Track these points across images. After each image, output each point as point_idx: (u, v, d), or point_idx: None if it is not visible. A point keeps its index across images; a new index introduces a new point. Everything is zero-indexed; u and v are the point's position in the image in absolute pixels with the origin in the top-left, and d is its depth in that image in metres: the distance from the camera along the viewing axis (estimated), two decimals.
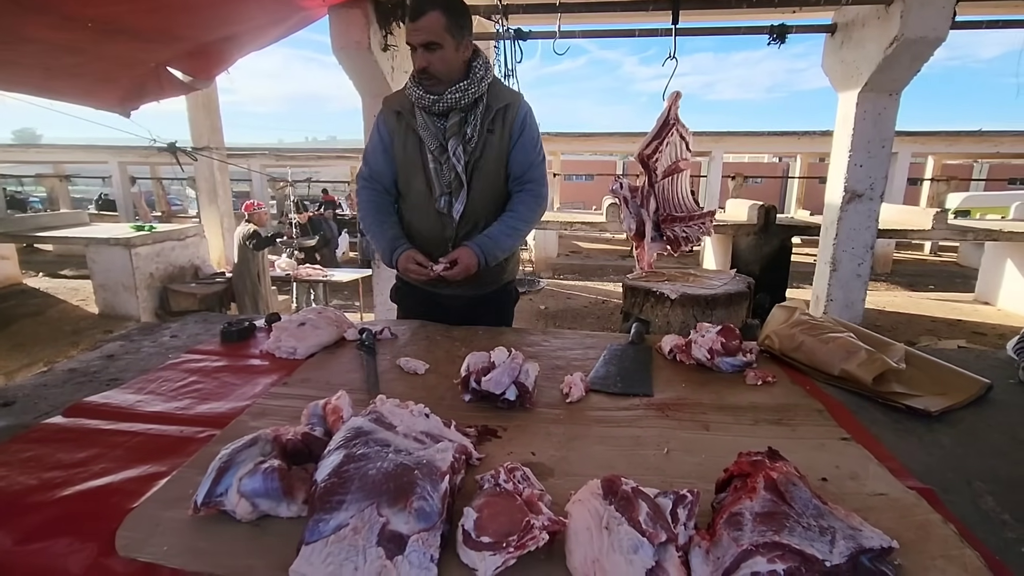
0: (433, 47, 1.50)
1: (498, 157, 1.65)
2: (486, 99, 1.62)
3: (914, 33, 2.88)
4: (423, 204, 1.68)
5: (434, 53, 1.51)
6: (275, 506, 0.77)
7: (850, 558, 0.65)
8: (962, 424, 1.08)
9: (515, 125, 1.65)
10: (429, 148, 1.62)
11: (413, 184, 1.68)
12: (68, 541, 0.73)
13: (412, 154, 1.66)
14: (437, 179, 1.64)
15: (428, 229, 1.71)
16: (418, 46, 1.51)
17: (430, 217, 1.69)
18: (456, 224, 1.68)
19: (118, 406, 1.11)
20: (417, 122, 1.62)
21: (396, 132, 1.67)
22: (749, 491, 0.74)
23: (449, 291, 1.74)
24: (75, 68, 2.62)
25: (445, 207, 1.66)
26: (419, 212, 1.71)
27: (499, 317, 1.86)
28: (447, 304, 1.79)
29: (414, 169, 1.66)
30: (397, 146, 1.68)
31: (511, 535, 0.68)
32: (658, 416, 1.09)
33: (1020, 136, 10.30)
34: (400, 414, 0.93)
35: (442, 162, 1.62)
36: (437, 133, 1.61)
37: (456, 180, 1.63)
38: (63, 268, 9.78)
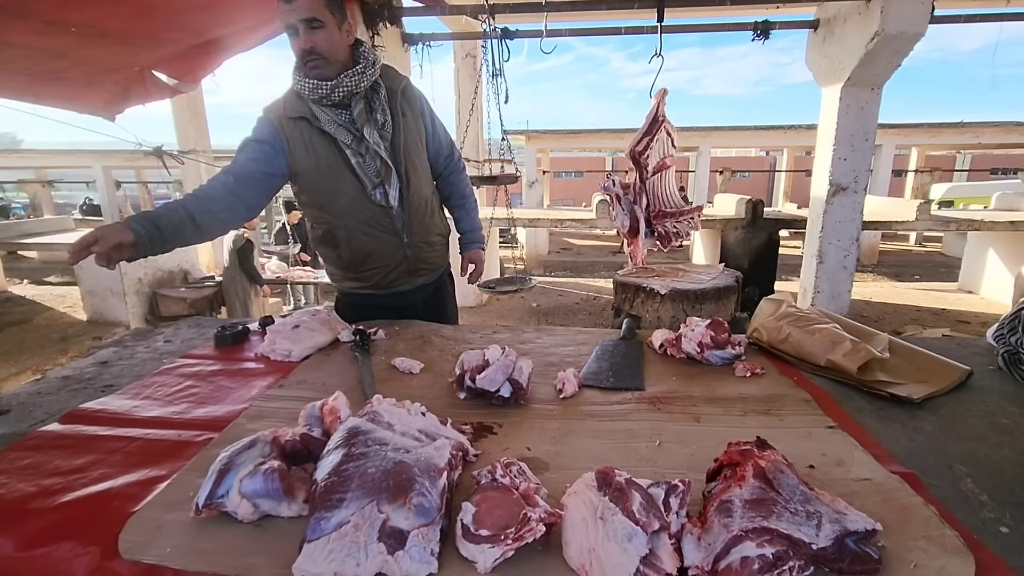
0: (315, 24, 1.41)
1: (416, 138, 1.63)
2: (383, 83, 1.57)
3: (894, 28, 2.93)
4: (358, 204, 1.59)
5: (317, 32, 1.42)
6: (276, 506, 0.78)
7: (836, 541, 0.67)
8: (943, 410, 1.12)
9: (423, 107, 1.67)
10: (344, 143, 1.52)
11: (339, 186, 1.57)
12: (71, 546, 0.74)
13: (326, 156, 1.54)
14: (363, 172, 1.55)
15: (372, 226, 1.62)
16: (298, 24, 1.41)
17: (372, 215, 1.61)
18: (403, 213, 1.62)
19: (115, 412, 1.11)
20: (322, 120, 1.51)
21: (296, 139, 1.53)
22: (738, 479, 0.76)
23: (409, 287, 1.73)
24: (58, 72, 2.59)
25: (381, 198, 1.58)
26: (357, 213, 1.60)
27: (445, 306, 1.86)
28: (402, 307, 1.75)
29: (336, 170, 1.55)
30: (301, 155, 1.53)
31: (509, 528, 0.70)
32: (650, 409, 1.11)
33: (1001, 126, 10.47)
34: (397, 413, 0.94)
35: (363, 152, 1.53)
36: (347, 125, 1.52)
37: (384, 166, 1.56)
38: (48, 275, 9.64)
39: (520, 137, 11.82)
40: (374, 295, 1.73)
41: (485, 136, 5.19)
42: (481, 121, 5.58)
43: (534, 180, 12.44)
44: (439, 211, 1.80)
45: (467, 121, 4.23)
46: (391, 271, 1.70)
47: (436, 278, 1.83)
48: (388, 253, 1.65)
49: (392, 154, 1.57)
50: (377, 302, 1.74)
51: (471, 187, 1.87)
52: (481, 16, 3.44)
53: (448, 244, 1.87)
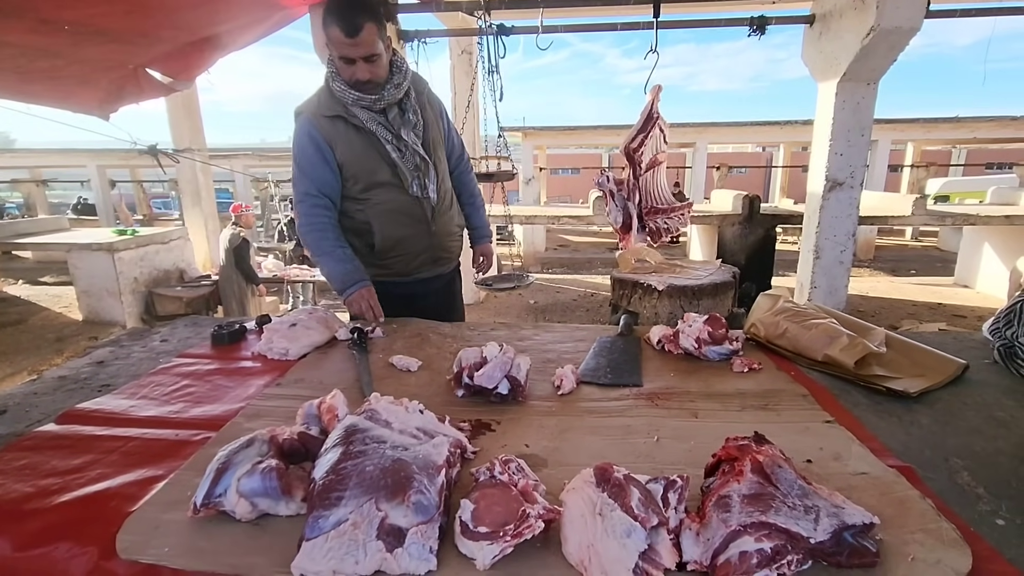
0: (373, 59, 1.52)
1: (439, 136, 1.77)
2: (411, 86, 1.69)
3: (890, 23, 2.93)
4: (395, 196, 1.70)
5: (375, 63, 1.53)
6: (274, 505, 0.78)
7: (833, 535, 0.68)
8: (940, 404, 1.12)
9: (441, 109, 1.81)
10: (385, 139, 1.63)
11: (377, 179, 1.68)
12: (69, 546, 0.74)
13: (365, 149, 1.64)
14: (404, 166, 1.66)
15: (405, 216, 1.73)
16: (358, 59, 1.51)
17: (406, 205, 1.71)
18: (433, 203, 1.74)
19: (111, 412, 1.11)
20: (362, 119, 1.61)
21: (335, 136, 1.62)
22: (737, 474, 0.76)
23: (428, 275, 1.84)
24: (52, 71, 2.57)
25: (419, 191, 1.69)
26: (392, 203, 1.71)
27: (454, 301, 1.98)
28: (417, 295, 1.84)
29: (375, 164, 1.66)
30: (341, 149, 1.63)
31: (507, 525, 0.70)
32: (648, 405, 1.12)
33: (996, 121, 10.49)
34: (395, 411, 0.94)
35: (402, 149, 1.65)
36: (386, 124, 1.64)
37: (422, 162, 1.68)
38: (44, 275, 9.59)
39: (516, 134, 11.81)
40: (393, 283, 1.81)
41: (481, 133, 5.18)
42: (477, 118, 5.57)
43: (531, 177, 12.43)
44: (457, 204, 1.93)
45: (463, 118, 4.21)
46: (416, 257, 1.80)
47: (451, 270, 1.96)
48: (416, 240, 1.76)
49: (426, 151, 1.69)
50: (395, 290, 1.81)
51: (478, 186, 2.04)
52: (477, 12, 3.42)
53: (463, 236, 1.99)
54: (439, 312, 1.82)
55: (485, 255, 2.04)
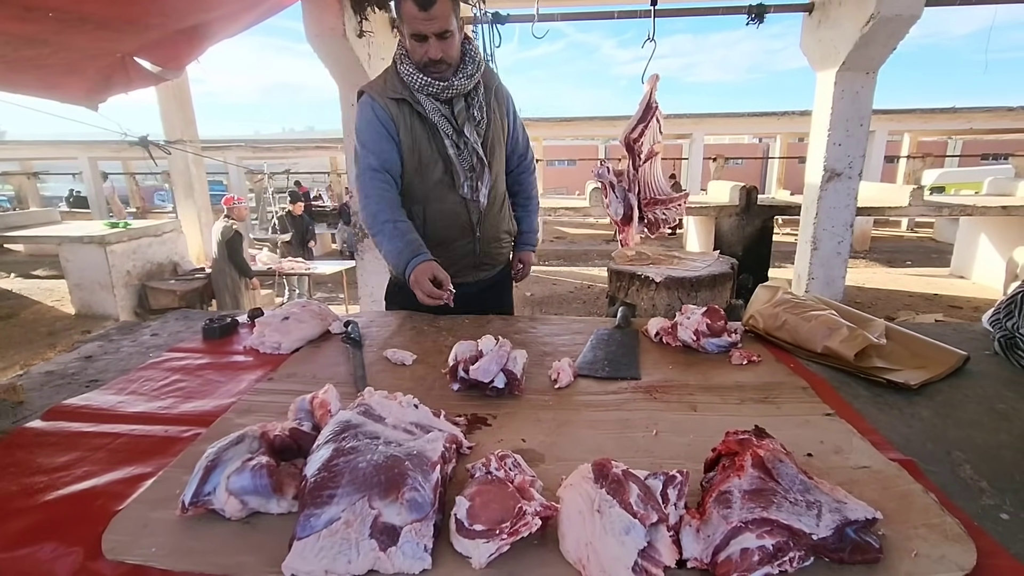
0: (447, 35, 1.46)
1: (500, 136, 1.68)
2: (482, 81, 1.61)
3: (889, 11, 2.90)
4: (443, 193, 1.62)
5: (447, 41, 1.47)
6: (265, 503, 0.77)
7: (836, 530, 0.66)
8: (941, 396, 1.11)
9: (509, 106, 1.71)
10: (445, 132, 1.56)
11: (429, 174, 1.60)
12: (53, 546, 0.72)
13: (422, 142, 1.57)
14: (459, 163, 1.59)
15: (450, 217, 1.65)
16: (431, 35, 1.45)
17: (452, 205, 1.63)
18: (482, 207, 1.65)
19: (99, 408, 1.08)
20: (426, 108, 1.54)
21: (399, 119, 1.56)
22: (737, 469, 0.75)
23: (470, 279, 1.73)
24: (37, 60, 2.52)
25: (469, 192, 1.61)
26: (439, 201, 1.63)
27: (503, 302, 1.86)
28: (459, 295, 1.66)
29: (429, 158, 1.58)
30: (403, 133, 1.57)
31: (504, 522, 0.68)
32: (646, 399, 1.10)
33: (992, 112, 10.49)
34: (389, 406, 0.92)
35: (461, 147, 1.58)
36: (448, 118, 1.57)
37: (479, 163, 1.60)
38: (36, 268, 9.51)
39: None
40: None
41: None
42: None
43: None
44: (510, 209, 1.83)
45: None
46: (456, 262, 1.68)
47: (496, 273, 1.84)
48: (459, 244, 1.67)
49: (485, 151, 1.61)
50: None
51: (536, 189, 1.93)
52: (472, 0, 3.38)
53: (513, 242, 1.89)
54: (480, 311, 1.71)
55: (524, 263, 1.91)
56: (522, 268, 1.92)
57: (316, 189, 15.72)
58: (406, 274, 1.50)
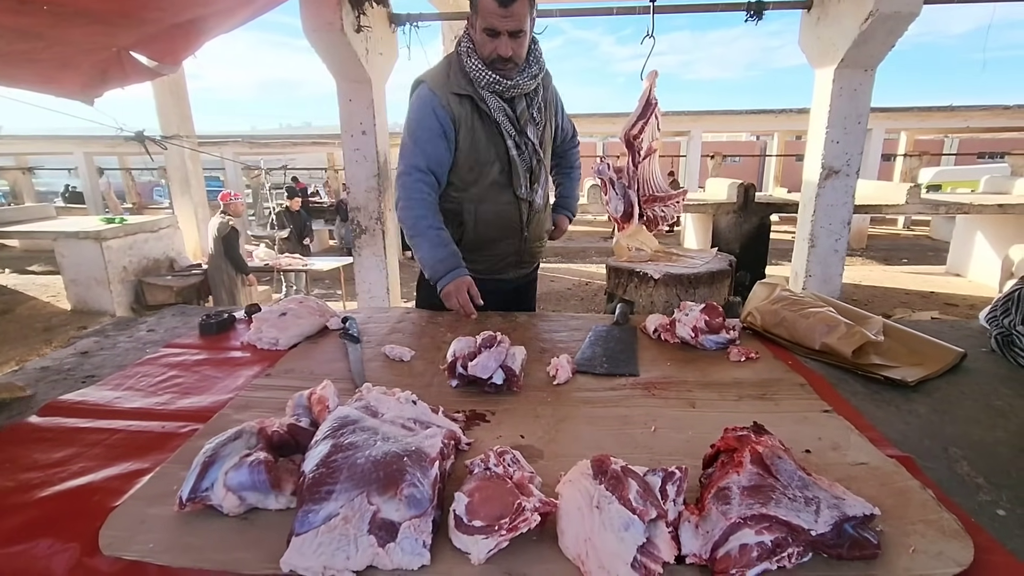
0: (520, 35, 1.45)
1: (550, 135, 1.70)
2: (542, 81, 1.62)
3: (888, 8, 2.90)
4: (496, 192, 1.61)
5: (518, 40, 1.46)
6: (263, 499, 0.76)
7: (834, 526, 0.67)
8: (938, 393, 1.11)
9: (558, 102, 1.74)
10: (508, 133, 1.55)
11: (486, 171, 1.58)
12: (50, 542, 0.71)
13: (485, 138, 1.56)
14: (520, 164, 1.58)
15: (502, 217, 1.64)
16: (504, 32, 1.43)
17: (505, 204, 1.62)
18: (536, 207, 1.66)
19: (95, 403, 1.08)
20: (491, 106, 1.53)
21: (462, 117, 1.53)
22: (736, 465, 0.75)
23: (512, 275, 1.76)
24: (31, 54, 2.49)
25: (526, 193, 1.61)
26: (492, 201, 1.61)
27: (531, 298, 1.88)
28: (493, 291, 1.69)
29: (486, 157, 1.56)
30: (464, 132, 1.54)
31: (503, 518, 0.68)
32: (644, 395, 1.10)
33: (989, 110, 10.50)
34: (387, 401, 0.92)
35: (523, 147, 1.57)
36: (512, 118, 1.56)
37: (538, 164, 1.61)
38: (31, 264, 9.46)
39: None
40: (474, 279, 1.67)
41: None
42: None
43: None
44: (549, 208, 1.86)
45: None
46: (502, 259, 1.72)
47: (532, 271, 1.87)
48: (507, 243, 1.68)
49: (543, 152, 1.62)
50: None
51: (580, 162, 1.97)
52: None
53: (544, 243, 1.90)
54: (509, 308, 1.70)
55: (558, 225, 1.91)
56: (554, 230, 1.93)
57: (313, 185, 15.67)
58: (441, 283, 1.53)
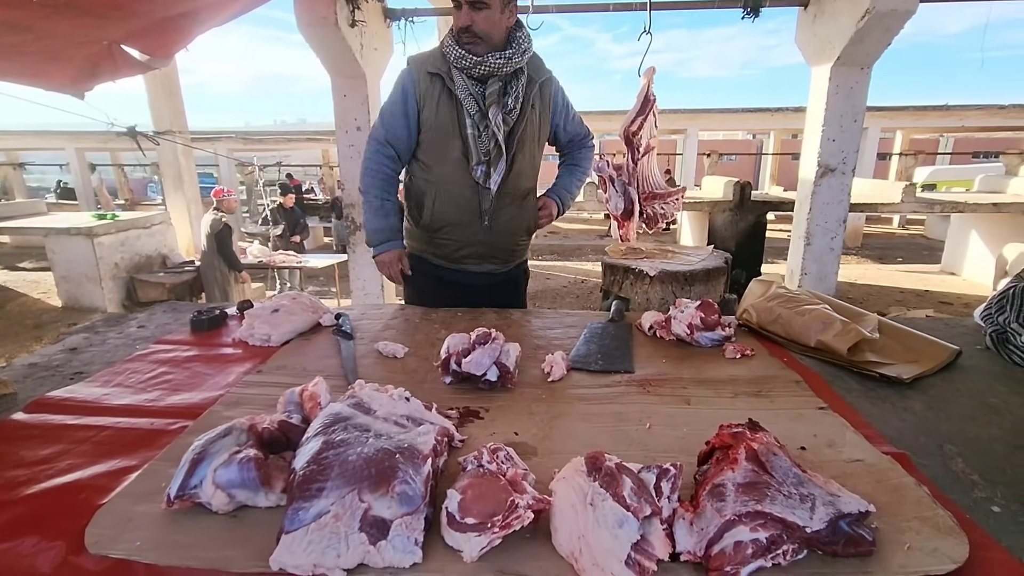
0: (479, 6, 1.48)
1: (536, 132, 1.68)
2: (527, 71, 1.61)
3: (885, 5, 2.90)
4: (457, 174, 1.62)
5: (479, 12, 1.48)
6: (252, 496, 0.75)
7: (829, 523, 0.66)
8: (933, 390, 1.11)
9: (555, 99, 1.72)
10: (469, 112, 1.56)
11: (447, 152, 1.60)
12: (35, 540, 0.70)
13: (446, 119, 1.58)
14: (475, 146, 1.57)
15: (461, 200, 1.64)
16: (464, 3, 1.48)
17: (464, 187, 1.63)
18: (492, 196, 1.63)
19: (83, 400, 1.06)
20: (456, 84, 1.55)
21: (428, 95, 1.58)
22: (731, 462, 0.74)
23: (476, 269, 1.73)
24: (20, 47, 2.45)
25: (482, 177, 1.60)
26: (452, 183, 1.63)
27: (515, 297, 1.85)
28: (468, 285, 1.74)
29: (449, 135, 1.59)
30: (428, 109, 1.59)
31: (495, 515, 0.67)
32: (640, 392, 1.10)
33: (985, 109, 10.55)
34: (380, 398, 0.91)
35: (481, 128, 1.57)
36: (477, 98, 1.56)
37: (496, 149, 1.58)
38: (22, 260, 9.38)
39: None
40: (441, 266, 1.75)
41: None
42: None
43: None
44: (533, 209, 1.79)
45: None
46: (462, 248, 1.70)
47: (508, 269, 1.81)
48: (467, 230, 1.67)
49: (508, 140, 1.59)
50: (444, 275, 1.75)
51: (588, 165, 1.92)
52: None
53: (529, 241, 1.86)
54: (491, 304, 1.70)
55: (545, 209, 1.81)
56: (542, 212, 1.83)
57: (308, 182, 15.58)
58: (376, 251, 1.66)
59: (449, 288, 1.73)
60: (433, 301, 1.69)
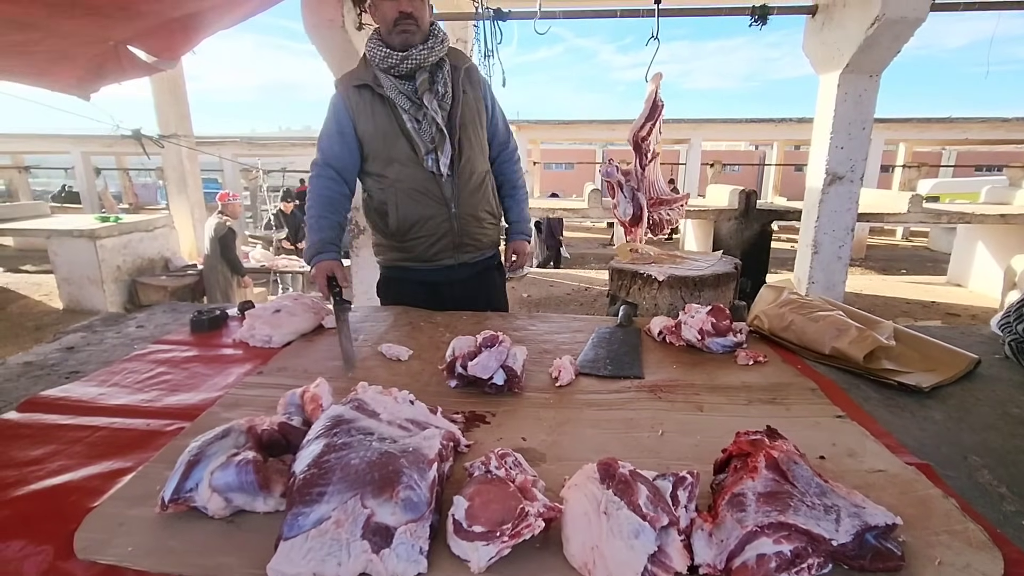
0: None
1: (475, 116, 1.68)
2: (449, 61, 1.63)
3: (895, 13, 2.89)
4: (409, 170, 1.62)
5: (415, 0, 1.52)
6: (250, 501, 0.72)
7: (856, 536, 0.63)
8: (952, 399, 1.08)
9: (485, 90, 1.72)
10: (403, 108, 1.58)
11: (394, 153, 1.62)
12: (21, 544, 0.67)
13: (385, 121, 1.60)
14: (419, 137, 1.59)
15: (424, 195, 1.63)
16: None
17: (421, 181, 1.62)
18: (453, 182, 1.63)
19: (78, 399, 1.04)
20: (385, 86, 1.58)
21: (360, 107, 1.61)
22: (750, 471, 0.71)
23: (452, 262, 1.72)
24: (26, 45, 2.45)
25: (433, 165, 1.60)
26: (408, 179, 1.63)
27: (491, 298, 1.83)
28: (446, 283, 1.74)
29: (392, 136, 1.60)
30: (364, 121, 1.61)
31: (505, 524, 0.64)
32: (650, 398, 1.06)
33: (988, 123, 10.54)
34: (383, 401, 0.88)
35: (420, 119, 1.58)
36: (408, 94, 1.58)
37: (439, 133, 1.59)
38: (25, 263, 9.37)
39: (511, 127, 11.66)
40: (416, 269, 1.74)
41: None
42: None
43: (525, 171, 12.30)
44: (492, 191, 1.80)
45: None
46: (436, 241, 1.69)
47: (481, 259, 1.81)
48: (435, 222, 1.66)
49: (448, 124, 1.60)
50: (419, 276, 1.74)
51: (523, 179, 1.92)
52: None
53: (498, 227, 1.86)
54: (468, 305, 1.71)
55: (518, 253, 1.90)
56: (516, 259, 1.91)
57: None
58: (310, 264, 1.63)
59: (424, 289, 1.73)
60: (411, 305, 1.69)
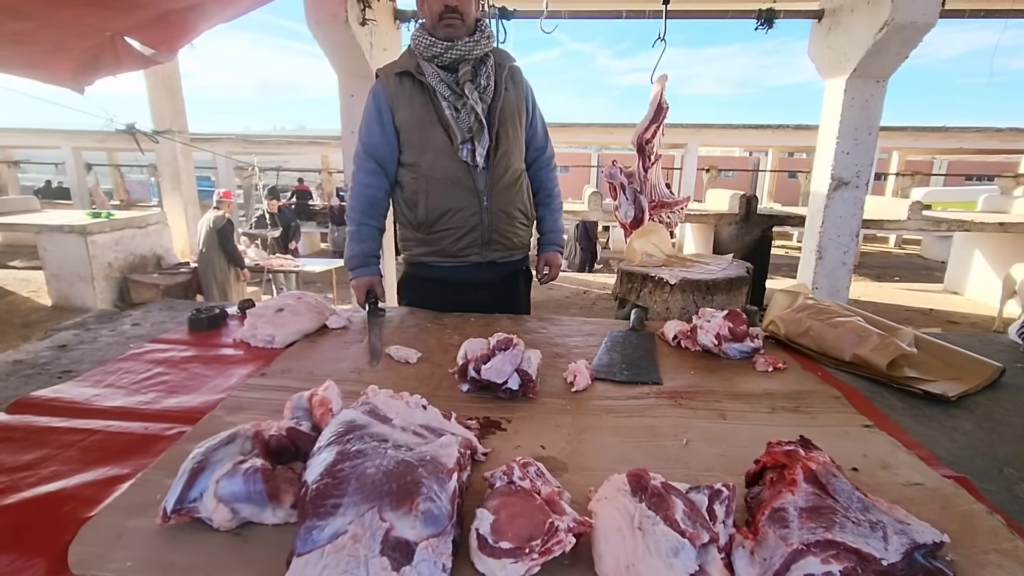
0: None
1: (515, 113, 1.65)
2: (494, 57, 1.62)
3: (904, 18, 2.87)
4: (444, 159, 1.57)
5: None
6: (259, 512, 0.68)
7: (905, 555, 0.59)
8: (980, 409, 1.05)
9: (527, 92, 1.70)
10: (443, 95, 1.55)
11: (429, 141, 1.58)
12: (11, 558, 0.63)
13: (421, 109, 1.57)
14: (456, 125, 1.55)
15: (455, 185, 1.58)
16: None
17: (454, 171, 1.58)
18: (487, 175, 1.59)
19: (71, 401, 0.99)
20: (427, 74, 1.56)
21: (399, 96, 1.59)
22: (788, 484, 0.68)
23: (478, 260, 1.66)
24: (22, 35, 2.39)
25: (468, 155, 1.57)
26: (440, 169, 1.58)
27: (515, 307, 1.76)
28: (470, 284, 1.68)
29: (428, 124, 1.57)
30: (402, 109, 1.59)
31: (534, 539, 0.60)
32: (671, 405, 1.03)
33: (982, 132, 10.65)
34: (395, 405, 0.84)
35: (459, 107, 1.56)
36: (449, 82, 1.57)
37: (477, 124, 1.55)
38: (13, 259, 9.22)
39: None
40: (440, 266, 1.67)
41: None
42: None
43: None
44: (527, 192, 1.75)
45: None
46: (465, 235, 1.62)
47: (510, 260, 1.74)
48: (465, 214, 1.60)
49: (488, 116, 1.57)
50: (442, 274, 1.68)
51: (559, 188, 1.87)
52: None
53: (530, 230, 1.80)
54: (492, 309, 1.64)
55: (550, 264, 1.83)
56: (549, 271, 1.85)
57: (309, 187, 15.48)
58: (353, 275, 1.65)
59: (449, 288, 1.67)
60: (431, 306, 1.64)
